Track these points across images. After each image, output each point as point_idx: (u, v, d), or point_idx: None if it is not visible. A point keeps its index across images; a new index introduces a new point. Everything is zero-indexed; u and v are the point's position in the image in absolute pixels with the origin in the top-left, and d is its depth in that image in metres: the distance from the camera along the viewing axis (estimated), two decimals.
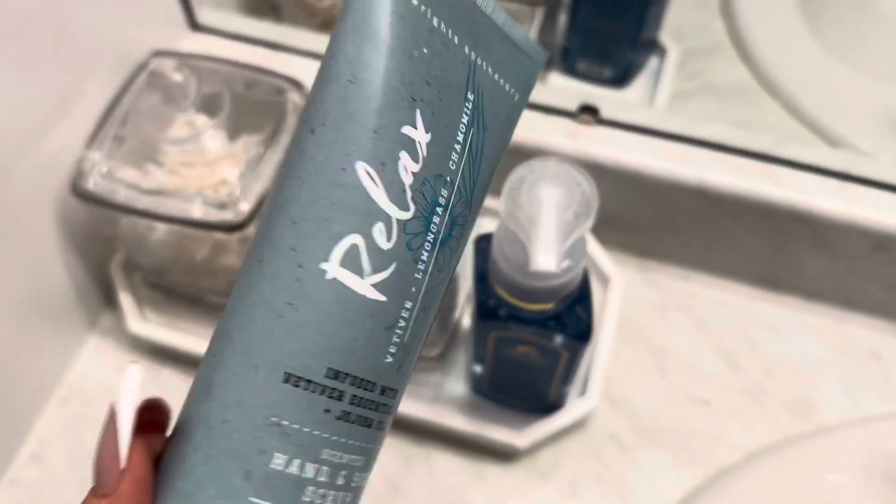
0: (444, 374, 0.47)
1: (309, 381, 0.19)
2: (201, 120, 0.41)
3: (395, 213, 0.19)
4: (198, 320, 0.49)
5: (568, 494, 0.45)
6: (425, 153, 0.19)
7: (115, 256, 0.50)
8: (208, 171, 0.41)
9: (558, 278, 0.34)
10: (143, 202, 0.41)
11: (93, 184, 0.41)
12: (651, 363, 0.49)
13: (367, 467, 0.21)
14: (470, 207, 0.21)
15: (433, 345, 0.46)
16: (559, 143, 0.48)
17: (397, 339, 0.20)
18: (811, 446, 0.45)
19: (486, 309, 0.38)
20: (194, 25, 0.52)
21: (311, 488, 0.19)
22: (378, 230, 0.19)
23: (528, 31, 0.54)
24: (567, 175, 0.33)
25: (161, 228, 0.44)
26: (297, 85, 0.44)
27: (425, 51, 0.19)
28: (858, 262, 0.48)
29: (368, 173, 0.19)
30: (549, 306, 0.36)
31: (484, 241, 0.39)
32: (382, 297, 0.19)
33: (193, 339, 0.47)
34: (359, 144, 0.19)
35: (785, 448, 0.45)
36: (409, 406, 0.44)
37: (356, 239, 0.19)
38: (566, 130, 0.48)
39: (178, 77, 0.39)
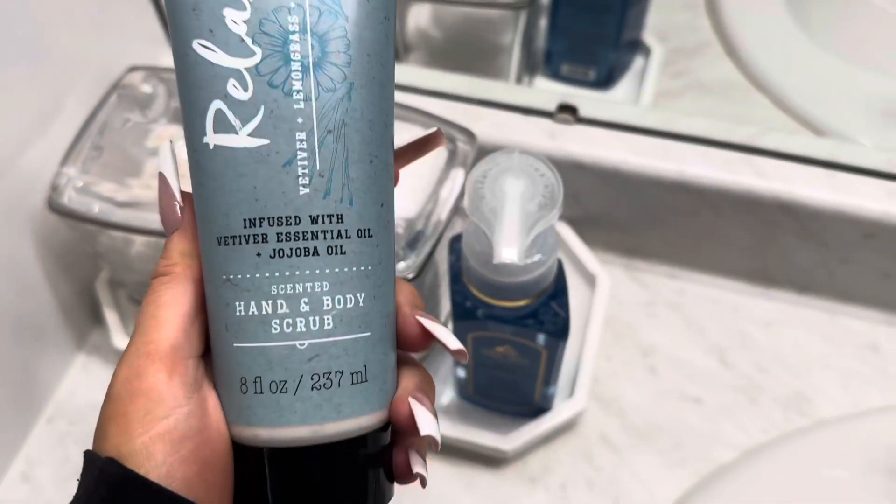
0: None
1: (232, 236, 0.21)
2: (175, 130, 0.41)
3: (242, 64, 0.20)
4: None
5: (559, 498, 0.44)
6: None
7: (101, 274, 0.50)
8: (184, 181, 0.41)
9: (528, 273, 0.34)
10: (118, 215, 0.41)
11: (67, 199, 0.41)
12: (641, 362, 0.48)
13: (347, 286, 0.22)
14: (341, 14, 0.21)
15: None
16: (538, 142, 0.47)
17: (304, 167, 0.21)
18: (809, 442, 0.44)
19: (463, 309, 0.38)
20: None
21: (275, 321, 0.21)
22: (231, 87, 0.20)
23: (514, 36, 0.54)
24: (530, 166, 0.33)
25: (139, 241, 0.44)
26: None
27: None
28: (850, 251, 0.47)
29: (202, 45, 0.20)
30: (523, 303, 0.36)
31: (457, 241, 0.39)
32: (264, 141, 0.21)
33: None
34: (187, 26, 0.21)
35: (782, 444, 0.44)
36: None
37: (217, 104, 0.21)
38: (545, 130, 0.48)
39: (146, 88, 0.39)
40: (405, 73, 0.52)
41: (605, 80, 0.59)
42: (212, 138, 0.21)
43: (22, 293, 0.45)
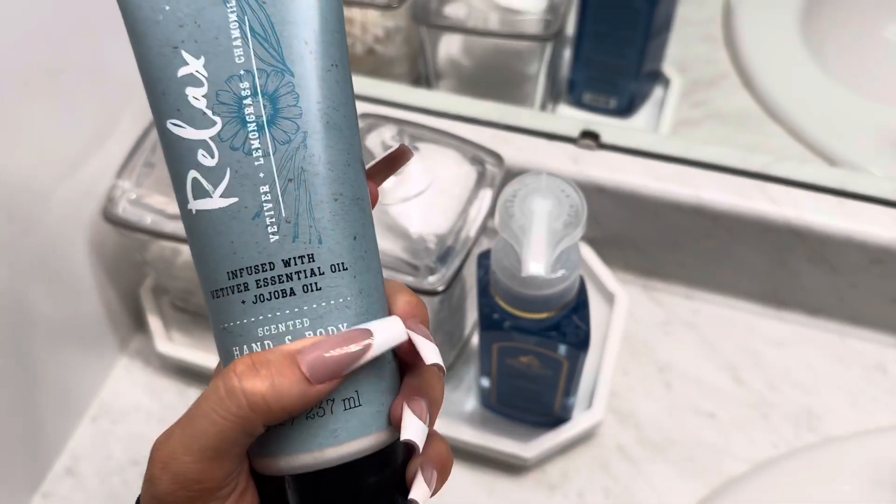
0: (454, 389, 0.49)
1: (220, 289, 0.23)
2: None
3: (206, 135, 0.23)
4: None
5: None
6: (206, 73, 0.23)
7: (145, 281, 0.53)
8: None
9: (553, 287, 0.36)
10: (169, 226, 0.44)
11: (122, 210, 0.44)
12: (657, 378, 0.50)
13: (327, 319, 0.23)
14: (287, 71, 0.23)
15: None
16: (562, 166, 0.50)
17: (271, 217, 0.23)
18: (818, 456, 0.46)
19: (489, 320, 0.40)
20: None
21: None
22: (201, 156, 0.23)
23: (539, 66, 0.57)
24: (557, 188, 0.35)
25: (186, 251, 0.47)
26: None
27: (167, 7, 0.23)
28: (858, 276, 0.49)
29: (174, 124, 0.23)
30: (547, 315, 0.38)
31: (485, 257, 0.41)
32: (234, 199, 0.23)
33: (217, 359, 0.50)
34: (160, 109, 0.23)
35: (792, 458, 0.46)
36: None
37: (193, 174, 0.23)
38: (569, 155, 0.51)
39: None
40: (437, 99, 0.55)
41: (626, 109, 0.61)
42: (193, 204, 0.23)
43: (73, 297, 0.48)
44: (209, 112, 0.23)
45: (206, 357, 0.50)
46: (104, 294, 0.50)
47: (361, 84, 0.55)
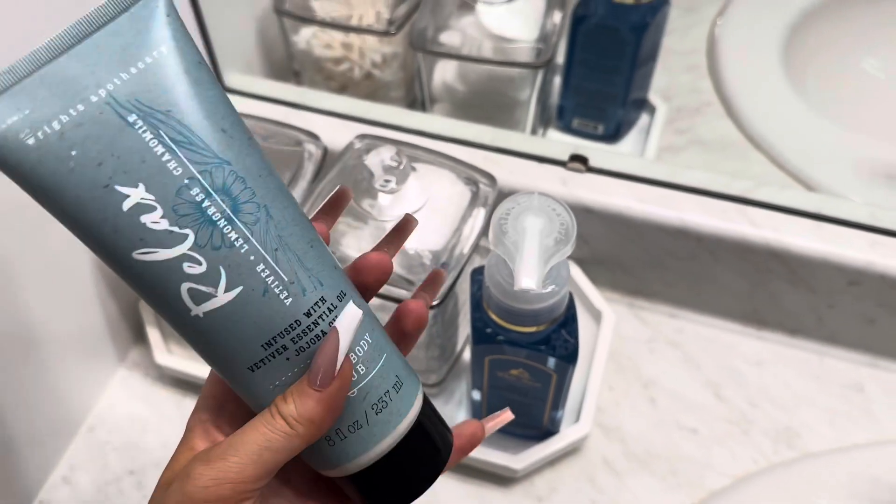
0: (445, 402, 0.50)
1: (259, 361, 0.25)
2: None
3: (185, 248, 0.24)
4: None
5: None
6: (152, 195, 0.23)
7: None
8: None
9: (543, 301, 0.38)
10: None
11: None
12: (641, 393, 0.52)
13: (356, 339, 0.26)
14: (225, 163, 0.24)
15: (432, 372, 0.49)
16: (551, 188, 0.52)
17: (278, 287, 0.25)
18: (797, 472, 0.47)
19: (482, 334, 0.42)
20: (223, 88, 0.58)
21: None
22: (186, 268, 0.24)
23: (531, 92, 0.59)
24: (548, 207, 0.37)
25: None
26: (314, 137, 0.49)
27: (74, 153, 0.22)
28: (836, 297, 0.51)
29: (143, 253, 0.23)
30: (537, 329, 0.40)
31: (478, 273, 0.43)
32: (239, 289, 0.24)
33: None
34: (115, 247, 0.23)
35: (771, 473, 0.47)
36: None
37: (186, 285, 0.24)
38: (558, 177, 0.53)
39: None
40: (432, 122, 0.57)
41: (613, 135, 0.64)
42: (198, 310, 0.24)
43: (76, 309, 0.49)
44: (175, 228, 0.23)
45: (203, 369, 0.51)
46: (105, 307, 0.51)
47: (359, 107, 0.57)
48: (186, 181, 0.23)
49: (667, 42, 0.60)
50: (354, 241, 0.44)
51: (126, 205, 0.23)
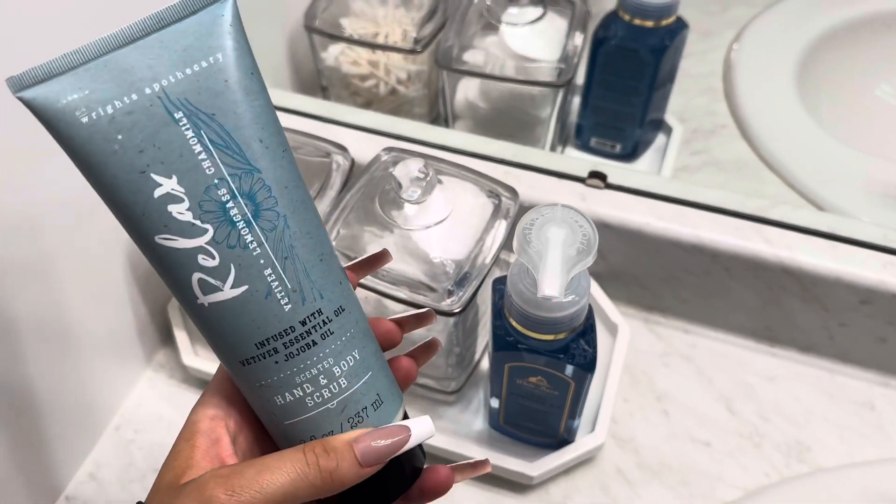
0: (463, 410, 0.52)
1: (250, 357, 0.27)
2: None
3: (203, 241, 0.25)
4: None
5: None
6: (182, 188, 0.25)
7: (172, 298, 0.56)
8: None
9: (564, 310, 0.39)
10: None
11: None
12: (655, 406, 0.53)
13: (344, 352, 0.28)
14: (256, 170, 0.25)
15: (451, 379, 0.51)
16: (570, 203, 0.53)
17: (280, 292, 0.26)
18: (808, 486, 0.48)
19: (503, 342, 0.43)
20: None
21: (307, 399, 0.28)
22: (202, 259, 0.25)
23: (551, 111, 0.61)
24: (571, 218, 0.39)
25: None
26: (342, 148, 0.51)
27: (120, 137, 0.24)
28: (848, 315, 0.52)
29: (165, 239, 0.25)
30: (556, 337, 0.41)
31: (499, 283, 0.44)
32: (244, 287, 0.26)
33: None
34: (141, 227, 0.25)
35: (782, 487, 0.48)
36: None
37: (197, 275, 0.26)
38: (577, 193, 0.54)
39: None
40: (454, 137, 0.59)
41: (630, 154, 0.65)
42: (204, 299, 0.26)
43: (109, 310, 0.51)
44: (198, 222, 0.25)
45: None
46: (136, 309, 0.53)
47: (385, 122, 0.59)
48: (216, 181, 0.25)
49: (684, 65, 0.61)
50: (378, 250, 0.46)
51: (157, 192, 0.25)
